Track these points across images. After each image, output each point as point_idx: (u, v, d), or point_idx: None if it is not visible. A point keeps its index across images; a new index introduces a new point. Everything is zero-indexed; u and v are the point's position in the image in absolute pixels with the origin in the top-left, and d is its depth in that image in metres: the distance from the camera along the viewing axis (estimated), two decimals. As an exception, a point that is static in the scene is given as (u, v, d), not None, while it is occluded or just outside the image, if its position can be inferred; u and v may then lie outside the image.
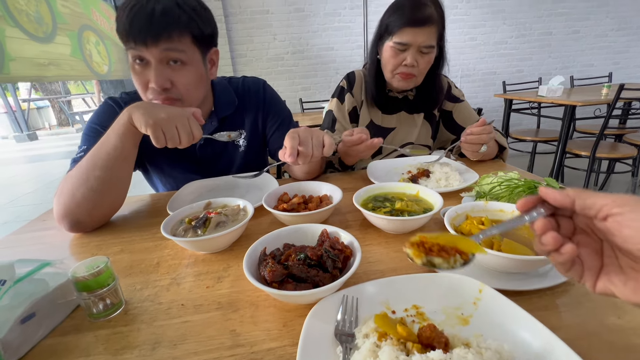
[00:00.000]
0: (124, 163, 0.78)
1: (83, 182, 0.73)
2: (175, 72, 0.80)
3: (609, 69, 3.87)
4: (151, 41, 0.74)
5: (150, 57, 0.76)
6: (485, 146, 0.96)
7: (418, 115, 1.25)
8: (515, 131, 3.31)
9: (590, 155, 2.49)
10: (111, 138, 0.74)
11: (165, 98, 0.81)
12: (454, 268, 0.38)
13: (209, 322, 0.47)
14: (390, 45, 1.07)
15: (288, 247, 0.55)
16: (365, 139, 0.93)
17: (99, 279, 0.47)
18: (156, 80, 0.77)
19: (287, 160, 0.71)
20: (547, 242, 0.32)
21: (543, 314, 0.42)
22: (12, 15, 1.14)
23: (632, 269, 0.30)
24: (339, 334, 0.40)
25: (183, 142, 0.73)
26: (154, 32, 0.73)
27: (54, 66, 1.38)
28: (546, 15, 3.92)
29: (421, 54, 1.06)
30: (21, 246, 0.75)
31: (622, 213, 0.29)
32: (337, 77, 3.92)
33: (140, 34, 0.73)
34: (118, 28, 0.77)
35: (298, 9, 3.69)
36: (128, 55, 0.79)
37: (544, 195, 0.33)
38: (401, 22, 1.02)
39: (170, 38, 0.75)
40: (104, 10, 1.92)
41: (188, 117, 0.74)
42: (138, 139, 0.79)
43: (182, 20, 0.75)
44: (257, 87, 1.06)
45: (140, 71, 0.79)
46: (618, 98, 2.29)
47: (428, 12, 1.01)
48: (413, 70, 1.08)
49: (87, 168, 0.74)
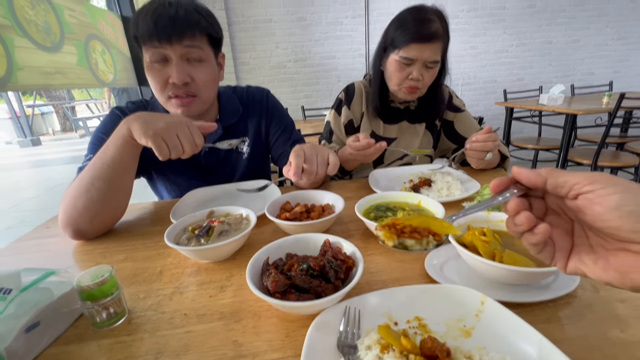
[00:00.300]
0: (123, 174, 0.78)
1: (84, 192, 0.74)
2: (195, 68, 0.85)
3: (609, 78, 3.90)
4: (175, 39, 0.79)
5: (172, 54, 0.81)
6: (490, 154, 0.95)
7: (420, 125, 1.26)
8: (516, 139, 3.32)
9: (592, 163, 2.49)
10: (110, 150, 0.75)
11: (185, 92, 0.85)
12: (426, 249, 0.38)
13: (212, 332, 0.47)
14: (396, 59, 1.07)
15: (290, 256, 0.56)
16: (373, 143, 0.96)
17: (103, 288, 0.48)
18: (178, 75, 0.82)
19: (292, 178, 0.72)
20: (520, 222, 0.32)
21: (545, 327, 0.42)
22: (21, 26, 1.16)
23: (602, 248, 0.31)
24: (341, 345, 0.40)
25: (186, 151, 0.73)
26: (178, 30, 0.79)
27: (60, 75, 1.40)
28: (546, 25, 3.96)
29: (426, 68, 1.07)
30: (25, 253, 0.76)
31: (593, 190, 0.29)
32: (339, 85, 3.96)
33: (165, 33, 0.78)
34: (138, 30, 0.80)
35: (300, 18, 3.75)
36: (145, 55, 0.82)
37: (517, 176, 0.34)
38: (407, 38, 1.03)
39: (193, 36, 0.82)
40: (110, 20, 1.95)
41: (188, 124, 0.74)
42: (137, 151, 0.79)
43: (201, 22, 0.83)
44: (260, 95, 1.09)
45: (160, 68, 0.83)
46: (619, 107, 2.30)
47: (434, 28, 1.01)
48: (418, 83, 1.09)
49: (87, 179, 0.74)
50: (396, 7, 3.71)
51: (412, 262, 0.61)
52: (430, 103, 1.20)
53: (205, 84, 0.88)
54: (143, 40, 0.81)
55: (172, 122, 0.72)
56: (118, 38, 2.03)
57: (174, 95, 0.85)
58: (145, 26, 0.79)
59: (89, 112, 11.04)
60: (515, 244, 0.58)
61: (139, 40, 0.83)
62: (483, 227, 0.59)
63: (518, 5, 3.86)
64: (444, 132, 1.28)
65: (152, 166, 1.02)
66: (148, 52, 0.82)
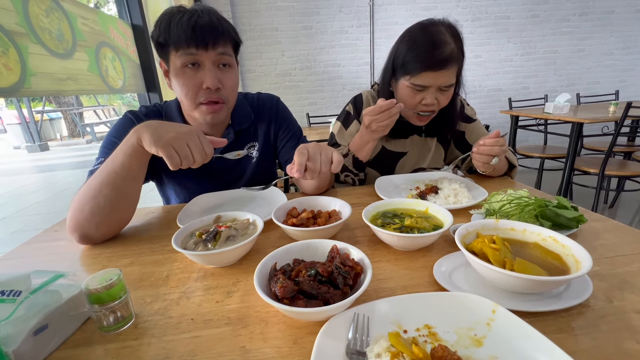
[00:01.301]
0: (131, 182, 0.78)
1: (91, 198, 0.74)
2: (224, 74, 0.89)
3: (615, 87, 3.88)
4: (211, 45, 0.83)
5: (206, 60, 0.85)
6: (496, 158, 0.92)
7: (431, 139, 1.22)
8: (521, 147, 3.30)
9: (599, 172, 2.46)
10: (119, 157, 0.75)
11: (217, 99, 0.89)
12: None
13: (219, 338, 0.47)
14: (407, 85, 1.00)
15: (298, 262, 0.55)
16: (395, 102, 0.92)
17: (111, 291, 0.48)
18: (212, 80, 0.85)
19: (295, 175, 0.71)
20: None
21: (558, 337, 0.41)
22: (35, 33, 1.19)
23: None
24: (350, 352, 0.40)
25: (197, 161, 0.73)
26: (214, 37, 0.83)
27: (72, 81, 1.43)
28: (550, 34, 3.97)
29: (441, 91, 1.00)
30: (33, 256, 0.76)
31: None
32: (344, 93, 3.98)
33: (203, 39, 0.82)
34: (170, 36, 0.82)
35: (306, 27, 3.80)
36: (176, 61, 0.84)
37: None
38: (419, 65, 0.95)
39: (225, 44, 0.86)
40: (120, 28, 1.99)
41: (198, 134, 0.74)
42: (146, 159, 0.79)
43: (230, 31, 0.88)
44: (271, 102, 1.12)
45: (192, 74, 0.86)
46: (626, 115, 2.29)
47: (448, 51, 0.93)
48: (432, 107, 1.02)
49: (95, 185, 0.75)
50: (400, 17, 3.76)
51: (421, 270, 0.60)
52: (444, 117, 1.14)
53: (232, 89, 0.93)
54: (177, 45, 0.83)
55: (183, 132, 0.72)
56: (128, 45, 2.07)
57: (206, 101, 0.88)
58: (181, 32, 0.81)
59: (96, 118, 11.21)
60: (526, 252, 0.57)
61: (166, 46, 0.85)
62: (492, 234, 0.58)
63: (522, 15, 3.88)
64: (454, 142, 1.25)
65: (163, 170, 1.04)
66: (180, 58, 0.84)
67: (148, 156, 0.78)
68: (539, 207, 0.68)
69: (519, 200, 0.72)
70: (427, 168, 1.24)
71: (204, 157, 0.74)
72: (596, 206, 2.62)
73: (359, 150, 1.09)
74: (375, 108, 0.93)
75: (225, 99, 0.91)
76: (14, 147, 8.96)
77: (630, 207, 3.01)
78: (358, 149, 1.09)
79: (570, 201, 0.71)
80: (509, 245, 0.56)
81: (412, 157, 1.22)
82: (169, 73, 0.90)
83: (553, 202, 0.69)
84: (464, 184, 0.97)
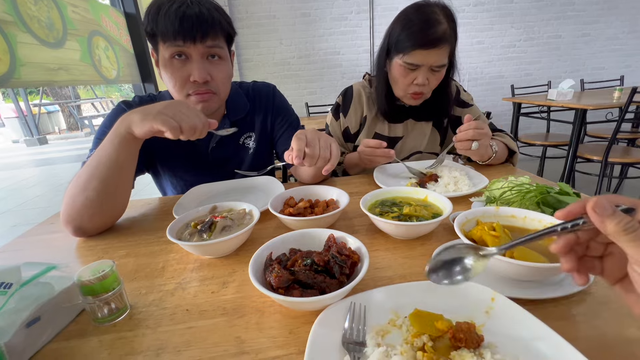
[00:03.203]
0: (121, 173, 0.76)
1: (81, 191, 0.72)
2: (214, 66, 0.86)
3: (620, 72, 3.81)
4: (200, 38, 0.80)
5: (194, 52, 0.82)
6: (476, 143, 0.91)
7: (426, 123, 1.22)
8: (524, 135, 3.26)
9: (603, 159, 2.43)
10: (107, 149, 0.73)
11: (206, 91, 0.87)
12: None
13: (214, 328, 0.46)
14: (400, 64, 1.02)
15: (294, 252, 0.55)
16: (385, 145, 0.97)
17: (104, 283, 0.47)
18: (199, 73, 0.83)
19: (294, 162, 0.69)
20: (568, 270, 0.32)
21: (559, 324, 0.40)
22: (24, 22, 1.16)
23: None
24: (346, 342, 0.39)
25: (195, 124, 0.70)
26: (202, 30, 0.80)
27: (63, 71, 1.40)
28: (555, 19, 3.88)
29: (432, 72, 1.02)
30: (28, 249, 0.76)
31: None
32: (344, 81, 3.93)
33: (190, 32, 0.79)
34: (157, 27, 0.80)
35: (304, 14, 3.72)
36: (164, 52, 0.82)
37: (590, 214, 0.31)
38: (412, 43, 0.97)
39: (215, 36, 0.83)
40: (113, 17, 1.95)
41: (187, 105, 0.73)
42: (135, 148, 0.77)
43: (222, 22, 0.84)
44: (267, 91, 1.10)
45: (180, 66, 0.83)
46: (631, 101, 2.25)
47: (441, 31, 0.95)
48: (424, 88, 1.05)
49: (84, 178, 0.73)
50: (401, 2, 3.67)
51: (419, 258, 0.59)
52: (438, 101, 1.16)
53: (223, 82, 0.90)
54: (164, 37, 0.80)
55: (172, 102, 0.72)
56: (121, 34, 2.02)
57: (194, 92, 0.86)
58: (168, 24, 0.78)
59: (94, 110, 11.15)
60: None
61: (155, 36, 0.82)
62: (492, 222, 0.57)
63: (526, -2, 3.79)
64: (451, 128, 1.25)
65: (159, 161, 1.02)
66: (168, 50, 0.81)
67: (137, 145, 0.76)
68: (541, 193, 0.67)
69: (520, 187, 0.70)
70: (424, 152, 1.23)
71: (201, 121, 0.71)
72: (599, 193, 2.60)
73: (351, 167, 1.17)
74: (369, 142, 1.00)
75: (216, 90, 0.89)
76: (12, 141, 8.93)
77: (632, 194, 2.99)
78: (350, 166, 1.16)
79: (573, 188, 0.69)
80: (509, 232, 0.55)
81: (409, 141, 1.23)
82: (159, 63, 0.87)
83: (555, 189, 0.67)
84: (464, 171, 0.96)
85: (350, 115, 1.23)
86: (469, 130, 0.92)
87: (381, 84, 1.14)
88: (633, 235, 0.28)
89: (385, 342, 0.39)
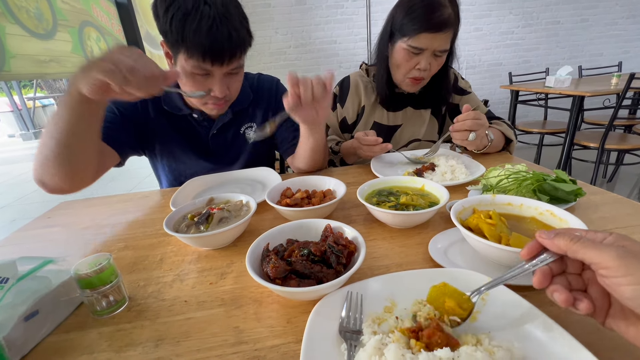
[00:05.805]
0: (77, 137, 0.70)
1: (41, 148, 0.71)
2: (232, 79, 0.89)
3: (618, 58, 3.78)
4: (227, 62, 0.81)
5: (218, 71, 0.82)
6: (473, 134, 0.91)
7: (425, 110, 1.22)
8: (521, 123, 3.26)
9: (599, 146, 2.44)
10: (61, 110, 0.67)
11: (223, 101, 0.91)
12: None
13: (212, 319, 0.46)
14: (404, 47, 1.01)
15: (291, 242, 0.55)
16: (381, 141, 0.98)
17: (102, 276, 0.47)
18: (221, 91, 0.85)
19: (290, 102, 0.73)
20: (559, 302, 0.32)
21: (553, 310, 0.41)
22: (12, 12, 1.13)
23: (634, 315, 0.30)
24: (343, 331, 0.40)
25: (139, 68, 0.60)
26: (230, 54, 0.80)
27: (55, 63, 1.37)
28: (554, 4, 3.82)
29: (435, 57, 1.02)
30: (25, 243, 0.76)
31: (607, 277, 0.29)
32: (341, 71, 3.88)
33: (220, 58, 0.79)
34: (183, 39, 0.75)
35: (300, 2, 3.65)
36: (185, 63, 0.79)
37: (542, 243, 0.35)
38: (418, 26, 0.96)
39: (240, 56, 0.84)
40: (104, 7, 1.90)
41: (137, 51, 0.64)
42: (88, 112, 0.68)
43: (247, 40, 0.84)
44: (270, 84, 1.12)
45: (202, 80, 0.83)
46: (628, 88, 2.24)
47: (446, 14, 0.95)
48: (424, 74, 1.04)
49: (43, 137, 0.70)
50: (398, -12, 3.60)
51: (416, 247, 0.60)
52: (437, 89, 1.16)
53: (237, 90, 0.94)
54: (190, 54, 0.76)
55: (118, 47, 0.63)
56: (113, 25, 1.98)
57: (212, 102, 0.89)
58: (197, 43, 0.75)
59: (89, 103, 10.97)
60: (522, 226, 0.56)
61: (178, 46, 0.77)
62: (489, 210, 0.57)
63: (525, -17, 3.73)
64: (449, 116, 1.25)
65: (158, 143, 1.02)
66: (190, 64, 0.78)
67: (92, 107, 0.68)
68: (537, 181, 0.67)
69: (516, 175, 0.71)
70: (422, 140, 1.23)
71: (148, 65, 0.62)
72: (595, 180, 2.61)
73: (348, 156, 1.16)
74: (366, 139, 1.00)
75: (230, 98, 0.93)
76: (8, 135, 8.83)
77: (628, 180, 3.00)
78: (347, 155, 1.16)
79: (569, 175, 0.69)
80: (505, 220, 0.55)
81: (407, 129, 1.22)
82: (173, 61, 0.83)
83: (551, 176, 0.67)
84: (461, 160, 0.96)
85: (347, 106, 1.22)
86: (466, 121, 0.91)
87: (382, 68, 1.13)
88: (580, 244, 0.31)
89: (381, 330, 0.40)
